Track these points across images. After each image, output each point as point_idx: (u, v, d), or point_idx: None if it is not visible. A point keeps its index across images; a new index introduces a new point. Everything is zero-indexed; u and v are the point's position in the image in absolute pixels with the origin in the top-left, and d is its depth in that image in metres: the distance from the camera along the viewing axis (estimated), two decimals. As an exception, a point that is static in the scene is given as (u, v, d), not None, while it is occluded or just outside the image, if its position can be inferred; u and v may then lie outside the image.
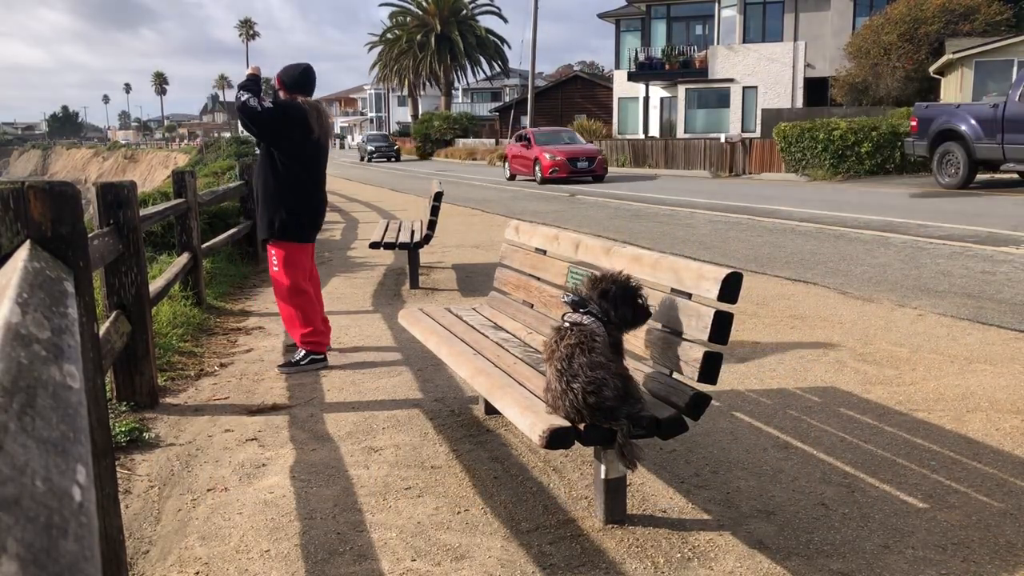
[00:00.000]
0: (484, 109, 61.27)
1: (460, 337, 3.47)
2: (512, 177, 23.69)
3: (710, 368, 2.47)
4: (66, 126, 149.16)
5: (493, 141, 42.12)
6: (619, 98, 37.41)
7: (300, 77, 4.49)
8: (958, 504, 2.72)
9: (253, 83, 4.41)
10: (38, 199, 1.91)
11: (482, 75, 53.54)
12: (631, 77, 34.53)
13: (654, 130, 35.22)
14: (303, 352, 4.55)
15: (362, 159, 44.34)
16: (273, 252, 4.53)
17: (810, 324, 5.25)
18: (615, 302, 2.55)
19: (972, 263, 7.19)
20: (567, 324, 2.55)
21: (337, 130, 72.59)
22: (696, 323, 2.52)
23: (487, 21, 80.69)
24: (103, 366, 2.65)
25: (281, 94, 4.50)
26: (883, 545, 2.47)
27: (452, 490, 2.94)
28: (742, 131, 29.22)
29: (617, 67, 37.40)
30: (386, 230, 7.53)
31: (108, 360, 3.20)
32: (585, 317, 2.54)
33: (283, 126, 4.34)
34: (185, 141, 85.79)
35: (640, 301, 2.60)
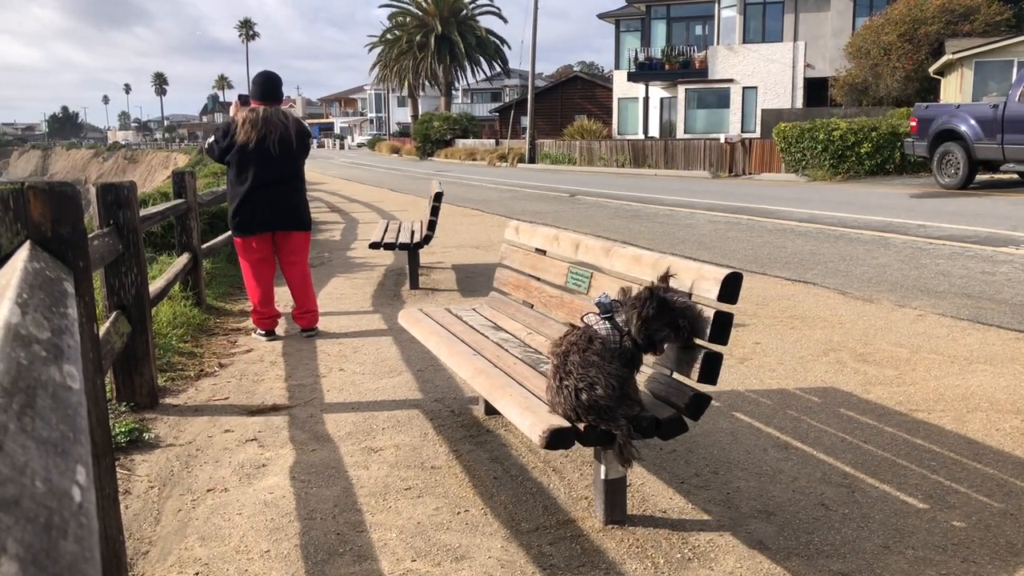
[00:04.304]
0: (484, 109, 61.24)
1: (460, 337, 3.46)
2: None
3: (710, 368, 2.47)
4: (66, 126, 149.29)
5: (493, 142, 42.11)
6: (619, 98, 37.42)
7: (255, 87, 5.11)
8: (958, 504, 2.72)
9: (220, 129, 5.12)
10: (38, 199, 1.91)
11: (482, 75, 53.52)
12: (631, 77, 34.54)
13: (654, 130, 35.22)
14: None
15: None
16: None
17: (810, 324, 5.26)
18: (641, 322, 2.43)
19: (972, 263, 7.19)
20: (580, 325, 2.55)
21: (337, 130, 72.31)
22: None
23: (487, 21, 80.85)
24: (103, 366, 2.65)
25: (251, 104, 5.13)
26: (883, 545, 2.47)
27: (452, 490, 2.94)
28: (742, 131, 29.23)
29: (617, 67, 37.41)
30: (386, 230, 7.53)
31: (108, 360, 3.20)
32: (601, 322, 2.53)
33: (222, 152, 5.02)
34: (185, 142, 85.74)
35: (679, 321, 2.42)
